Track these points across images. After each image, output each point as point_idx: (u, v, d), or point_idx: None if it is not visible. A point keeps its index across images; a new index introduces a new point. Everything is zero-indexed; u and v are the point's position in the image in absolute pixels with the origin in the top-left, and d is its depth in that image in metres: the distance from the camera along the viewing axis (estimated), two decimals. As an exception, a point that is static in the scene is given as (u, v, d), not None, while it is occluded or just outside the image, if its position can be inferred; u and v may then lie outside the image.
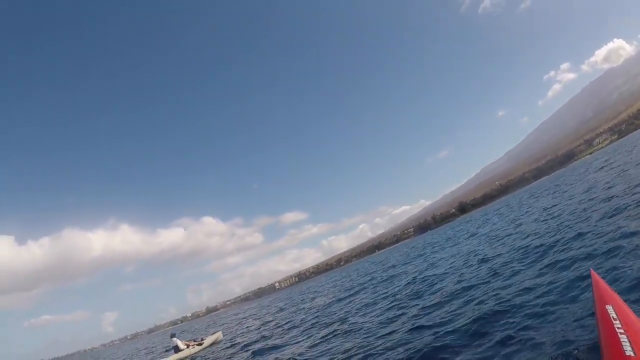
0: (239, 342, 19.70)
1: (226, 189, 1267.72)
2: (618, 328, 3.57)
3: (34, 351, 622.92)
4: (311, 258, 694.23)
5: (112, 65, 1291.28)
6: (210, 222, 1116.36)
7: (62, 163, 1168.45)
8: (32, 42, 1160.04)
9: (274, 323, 24.15)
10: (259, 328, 24.10)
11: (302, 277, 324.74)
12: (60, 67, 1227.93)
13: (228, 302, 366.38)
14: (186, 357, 21.89)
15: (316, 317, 18.83)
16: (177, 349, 22.36)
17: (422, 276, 18.66)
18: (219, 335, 24.58)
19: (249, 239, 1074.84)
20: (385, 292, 18.09)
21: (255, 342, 17.41)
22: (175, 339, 23.03)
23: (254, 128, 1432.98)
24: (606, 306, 4.04)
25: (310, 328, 15.50)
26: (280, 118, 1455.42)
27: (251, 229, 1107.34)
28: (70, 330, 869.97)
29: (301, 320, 19.60)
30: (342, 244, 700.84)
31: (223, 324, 44.84)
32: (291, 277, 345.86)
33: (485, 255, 15.95)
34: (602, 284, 4.77)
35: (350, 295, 23.69)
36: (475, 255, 17.11)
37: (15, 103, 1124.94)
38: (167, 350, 24.24)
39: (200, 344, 22.90)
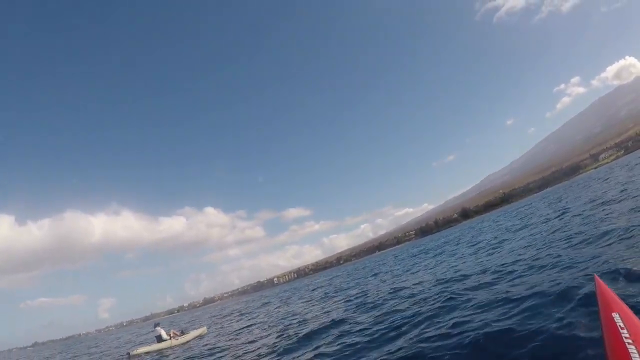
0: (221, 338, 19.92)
1: (231, 181, 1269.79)
2: (626, 337, 3.37)
3: (28, 333, 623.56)
4: (311, 255, 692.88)
5: (125, 52, 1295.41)
6: (212, 213, 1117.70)
7: (67, 145, 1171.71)
8: (50, 21, 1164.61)
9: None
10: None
11: (300, 273, 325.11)
12: (73, 48, 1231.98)
13: (226, 294, 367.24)
14: (168, 347, 22.07)
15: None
16: (159, 339, 22.62)
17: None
18: (203, 330, 24.91)
19: (250, 232, 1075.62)
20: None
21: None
22: (159, 328, 23.35)
23: (264, 122, 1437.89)
24: (612, 314, 3.86)
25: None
26: (291, 114, 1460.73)
27: (253, 222, 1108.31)
28: (65, 314, 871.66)
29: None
30: (343, 242, 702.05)
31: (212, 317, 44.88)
32: (290, 272, 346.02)
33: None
34: (607, 290, 4.50)
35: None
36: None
37: (23, 83, 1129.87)
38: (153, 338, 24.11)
39: (182, 336, 22.98)
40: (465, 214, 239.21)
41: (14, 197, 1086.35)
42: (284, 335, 12.85)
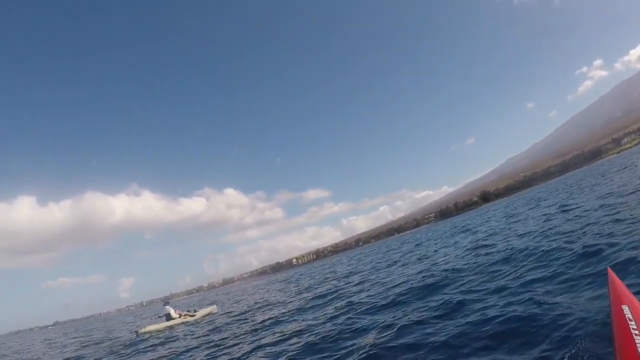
0: (231, 312, 20.76)
1: (250, 162, 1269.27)
2: (633, 329, 3.48)
3: (49, 312, 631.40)
4: (330, 237, 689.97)
5: (147, 33, 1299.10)
6: (232, 194, 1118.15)
7: (87, 126, 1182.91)
8: (69, 6, 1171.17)
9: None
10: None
11: (320, 254, 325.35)
12: (95, 30, 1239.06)
13: (245, 275, 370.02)
14: (176, 324, 22.43)
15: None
16: (168, 317, 23.11)
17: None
18: (212, 308, 25.57)
19: (269, 213, 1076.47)
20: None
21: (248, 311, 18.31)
22: (168, 306, 23.89)
23: (283, 104, 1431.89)
24: (622, 306, 3.98)
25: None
26: (311, 96, 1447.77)
27: (272, 203, 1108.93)
28: (86, 293, 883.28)
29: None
30: (362, 224, 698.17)
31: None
32: (309, 254, 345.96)
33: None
34: (619, 283, 4.63)
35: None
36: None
37: (44, 64, 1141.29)
38: (159, 317, 24.67)
39: (192, 315, 23.54)
40: (486, 197, 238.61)
41: (36, 178, 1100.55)
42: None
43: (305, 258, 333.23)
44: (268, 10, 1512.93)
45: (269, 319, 14.43)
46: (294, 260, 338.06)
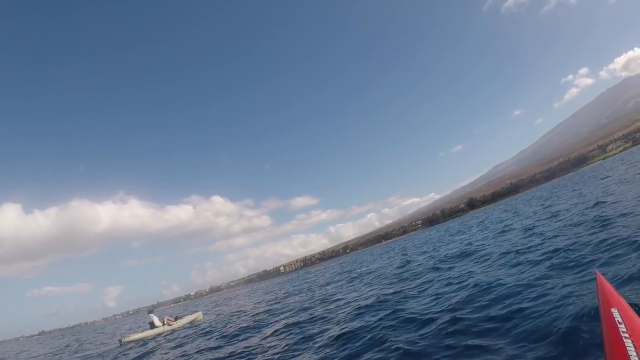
0: (216, 323, 19.97)
1: (238, 170, 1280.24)
2: (623, 332, 3.47)
3: (35, 321, 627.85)
4: (318, 244, 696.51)
5: (130, 41, 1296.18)
6: (219, 202, 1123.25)
7: (74, 133, 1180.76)
8: (52, 9, 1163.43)
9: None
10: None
11: (307, 262, 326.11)
12: (79, 38, 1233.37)
13: (232, 283, 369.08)
14: (160, 333, 22.21)
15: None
16: (152, 325, 22.82)
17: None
18: (198, 315, 24.95)
19: (257, 221, 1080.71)
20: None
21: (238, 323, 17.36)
22: (152, 314, 23.83)
23: (272, 111, 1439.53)
24: (611, 309, 3.97)
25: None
26: (299, 103, 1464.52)
27: (260, 211, 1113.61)
28: (72, 302, 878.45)
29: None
30: (349, 231, 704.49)
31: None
32: (297, 261, 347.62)
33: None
34: (608, 286, 4.55)
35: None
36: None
37: (30, 72, 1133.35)
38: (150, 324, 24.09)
39: (174, 322, 23.27)
40: (472, 204, 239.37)
41: (21, 186, 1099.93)
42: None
43: (293, 266, 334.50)
44: (258, 17, 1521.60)
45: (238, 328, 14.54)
46: (282, 268, 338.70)
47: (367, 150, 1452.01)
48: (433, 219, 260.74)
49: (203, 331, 17.27)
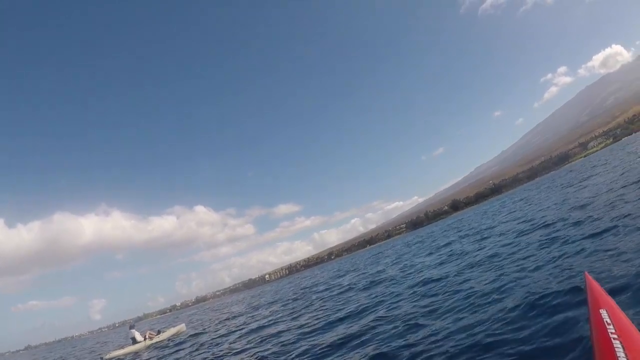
0: (199, 335, 20.05)
1: (220, 179, 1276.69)
2: (612, 333, 3.40)
3: (20, 337, 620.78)
4: (302, 251, 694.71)
5: (109, 51, 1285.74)
6: (202, 212, 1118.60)
7: (54, 146, 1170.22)
8: (34, 20, 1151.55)
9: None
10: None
11: (292, 269, 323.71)
12: (58, 48, 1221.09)
13: (218, 293, 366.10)
14: (142, 348, 21.93)
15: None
16: (134, 341, 22.37)
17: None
18: (181, 327, 24.69)
19: (241, 229, 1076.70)
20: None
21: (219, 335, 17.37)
22: (133, 330, 23.08)
23: (253, 118, 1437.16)
24: (600, 310, 3.88)
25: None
26: (279, 109, 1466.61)
27: (243, 219, 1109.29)
28: (57, 316, 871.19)
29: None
30: (334, 237, 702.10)
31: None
32: (282, 269, 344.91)
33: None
34: (597, 287, 4.53)
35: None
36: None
37: (9, 83, 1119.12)
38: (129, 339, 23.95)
39: (155, 336, 22.85)
40: (456, 205, 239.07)
41: (3, 200, 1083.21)
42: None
43: (278, 274, 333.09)
44: (236, 23, 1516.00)
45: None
46: (267, 276, 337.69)
47: (349, 155, 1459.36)
48: (417, 222, 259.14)
49: (186, 344, 17.22)
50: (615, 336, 3.35)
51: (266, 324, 15.44)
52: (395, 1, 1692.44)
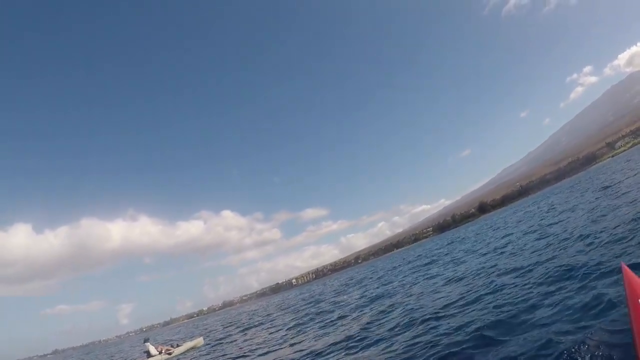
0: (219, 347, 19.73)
1: (247, 184, 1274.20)
2: None
3: (49, 340, 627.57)
4: (329, 255, 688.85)
5: (139, 52, 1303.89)
6: (229, 216, 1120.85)
7: (82, 151, 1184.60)
8: (66, 23, 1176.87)
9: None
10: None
11: (319, 274, 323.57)
12: (84, 51, 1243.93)
13: (245, 297, 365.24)
14: None
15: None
16: (149, 354, 22.30)
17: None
18: (199, 341, 24.26)
19: (268, 234, 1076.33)
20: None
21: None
22: (148, 343, 22.99)
23: (279, 124, 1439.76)
24: (639, 300, 3.81)
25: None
26: (304, 114, 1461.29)
27: (270, 224, 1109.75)
28: (85, 320, 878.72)
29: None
30: (361, 241, 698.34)
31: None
32: (309, 273, 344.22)
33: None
34: (635, 278, 4.38)
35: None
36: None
37: (37, 85, 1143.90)
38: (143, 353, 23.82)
39: (171, 351, 22.64)
40: (483, 208, 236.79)
41: (31, 206, 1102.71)
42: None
43: (305, 278, 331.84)
44: (262, 26, 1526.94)
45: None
46: (294, 280, 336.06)
47: (375, 159, 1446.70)
48: (444, 225, 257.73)
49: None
50: None
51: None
52: (418, 4, 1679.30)
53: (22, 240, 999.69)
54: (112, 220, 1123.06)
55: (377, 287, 24.78)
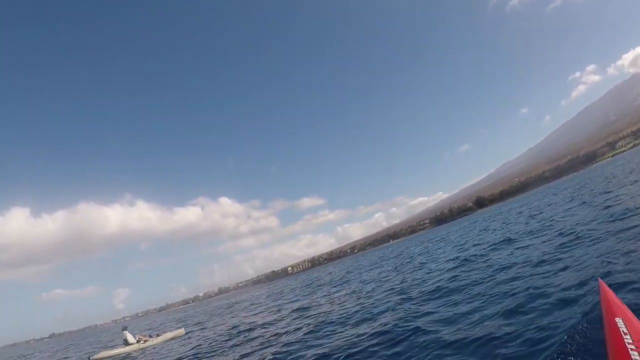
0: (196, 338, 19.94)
1: (245, 171, 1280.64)
2: (629, 343, 3.34)
3: (45, 325, 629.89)
4: (325, 244, 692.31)
5: (140, 43, 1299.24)
6: (227, 203, 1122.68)
7: (80, 136, 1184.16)
8: (70, 15, 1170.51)
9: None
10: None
11: (315, 262, 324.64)
12: (86, 41, 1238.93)
13: (240, 284, 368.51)
14: (133, 350, 21.91)
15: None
16: (126, 342, 22.57)
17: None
18: (179, 332, 24.28)
19: (264, 222, 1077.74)
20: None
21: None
22: (126, 332, 23.16)
23: (278, 113, 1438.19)
24: (615, 319, 3.83)
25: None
26: (305, 103, 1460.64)
27: (267, 212, 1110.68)
28: (81, 305, 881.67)
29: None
30: (357, 231, 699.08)
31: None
32: (304, 262, 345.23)
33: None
34: (611, 295, 4.46)
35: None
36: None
37: (37, 74, 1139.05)
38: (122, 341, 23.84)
39: (148, 340, 22.82)
40: (481, 202, 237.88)
41: (29, 190, 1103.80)
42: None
43: (301, 266, 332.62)
44: (263, 18, 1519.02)
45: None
46: (289, 268, 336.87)
47: (374, 150, 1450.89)
48: (441, 218, 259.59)
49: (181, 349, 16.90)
50: (633, 347, 3.28)
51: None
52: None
53: (20, 224, 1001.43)
54: (110, 205, 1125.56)
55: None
